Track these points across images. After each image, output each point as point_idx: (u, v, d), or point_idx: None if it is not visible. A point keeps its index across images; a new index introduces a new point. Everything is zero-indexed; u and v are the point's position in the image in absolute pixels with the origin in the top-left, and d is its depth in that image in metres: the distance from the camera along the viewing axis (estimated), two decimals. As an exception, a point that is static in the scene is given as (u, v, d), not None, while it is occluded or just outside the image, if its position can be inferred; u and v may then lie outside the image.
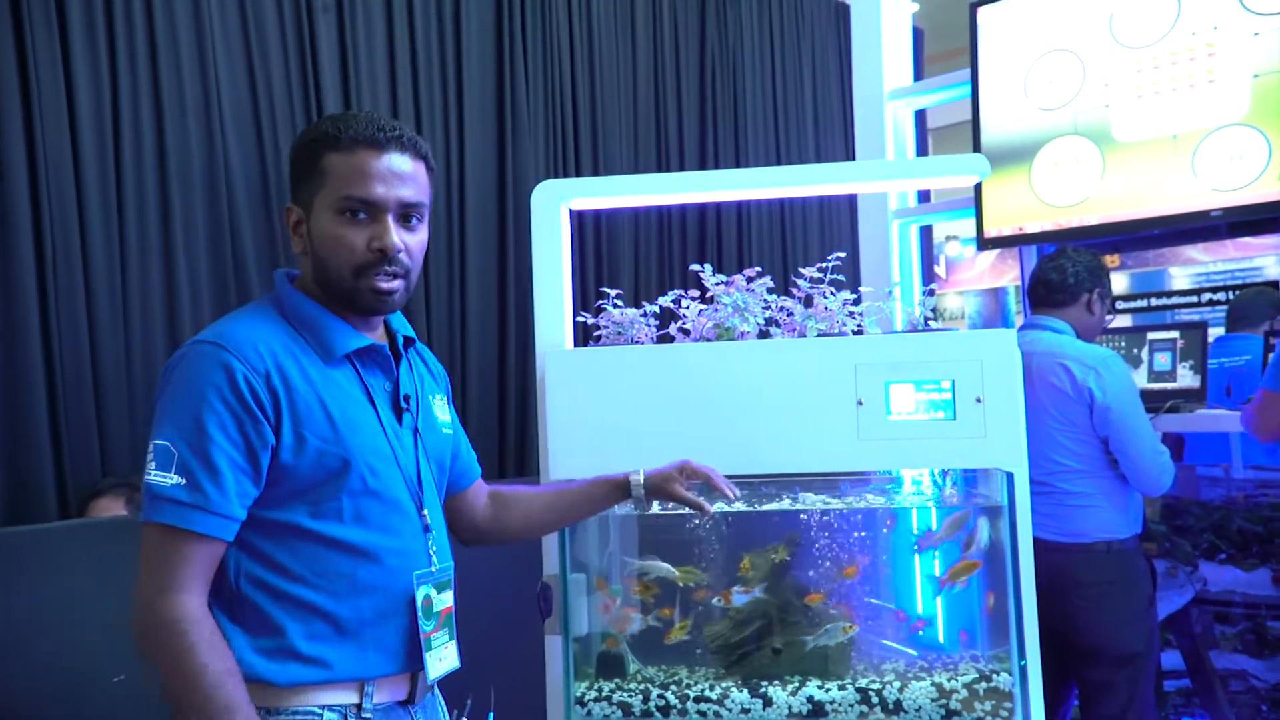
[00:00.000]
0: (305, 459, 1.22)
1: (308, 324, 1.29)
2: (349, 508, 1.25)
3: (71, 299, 2.42)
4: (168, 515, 1.16)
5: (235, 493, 1.18)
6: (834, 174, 2.18)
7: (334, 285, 1.29)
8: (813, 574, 2.03)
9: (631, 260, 3.85)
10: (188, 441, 1.17)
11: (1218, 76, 2.86)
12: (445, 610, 1.36)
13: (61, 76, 2.43)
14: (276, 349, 1.23)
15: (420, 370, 1.46)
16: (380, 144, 1.27)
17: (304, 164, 1.28)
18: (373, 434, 1.28)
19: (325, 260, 1.28)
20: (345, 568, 1.25)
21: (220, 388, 1.18)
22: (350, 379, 1.30)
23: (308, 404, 1.23)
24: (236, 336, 1.22)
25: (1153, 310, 3.98)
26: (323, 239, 1.27)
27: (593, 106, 3.74)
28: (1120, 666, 2.38)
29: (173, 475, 1.17)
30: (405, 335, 1.41)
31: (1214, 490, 3.22)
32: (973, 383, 1.84)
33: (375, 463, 1.27)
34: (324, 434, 1.23)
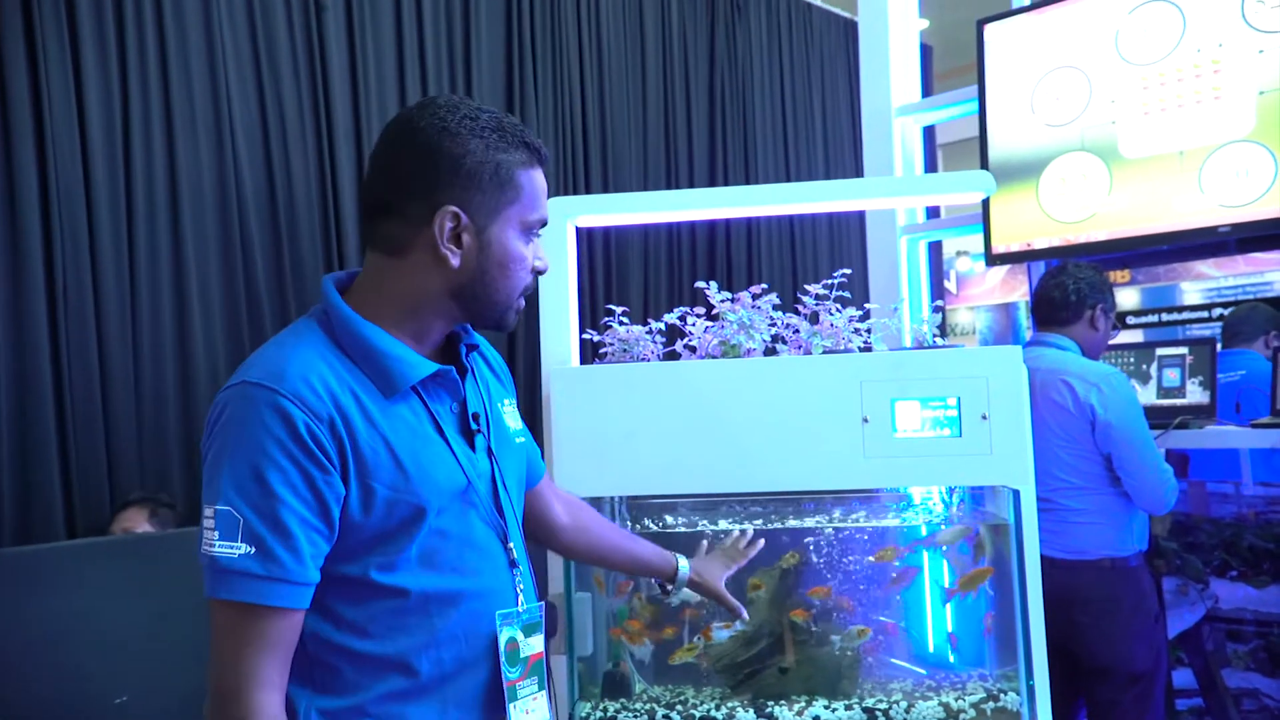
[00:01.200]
0: (375, 511, 1.09)
1: (365, 353, 1.13)
2: (416, 554, 1.12)
3: (81, 317, 2.44)
4: (240, 591, 1.02)
5: (310, 555, 1.05)
6: (840, 191, 2.18)
7: (491, 302, 1.18)
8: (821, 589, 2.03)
9: (641, 277, 3.87)
10: (253, 505, 1.03)
11: (1224, 93, 2.86)
12: (534, 656, 1.22)
13: (73, 93, 2.46)
14: (335, 387, 1.08)
15: (485, 376, 1.31)
16: (547, 162, 1.22)
17: (489, 173, 1.14)
18: (447, 471, 1.15)
19: (496, 277, 1.16)
20: (419, 619, 1.12)
21: (280, 438, 1.04)
22: (415, 411, 1.15)
23: (373, 450, 1.09)
24: (289, 374, 1.06)
25: (1164, 325, 3.97)
26: (506, 255, 1.16)
27: (602, 123, 3.77)
28: (1128, 685, 2.37)
29: (240, 544, 1.03)
30: (468, 343, 1.26)
31: (1224, 507, 3.19)
32: (979, 400, 1.84)
33: (446, 502, 1.14)
34: (393, 482, 1.09)
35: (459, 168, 1.13)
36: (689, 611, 2.02)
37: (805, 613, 2.00)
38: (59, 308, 2.41)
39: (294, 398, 1.05)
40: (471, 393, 1.23)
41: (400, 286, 1.16)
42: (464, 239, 1.14)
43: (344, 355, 1.13)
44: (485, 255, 1.16)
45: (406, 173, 1.13)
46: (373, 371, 1.12)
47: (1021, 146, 3.29)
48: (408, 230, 1.14)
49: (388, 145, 1.16)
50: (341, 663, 1.10)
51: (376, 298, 1.16)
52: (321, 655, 1.10)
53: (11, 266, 2.36)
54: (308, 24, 2.97)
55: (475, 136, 1.13)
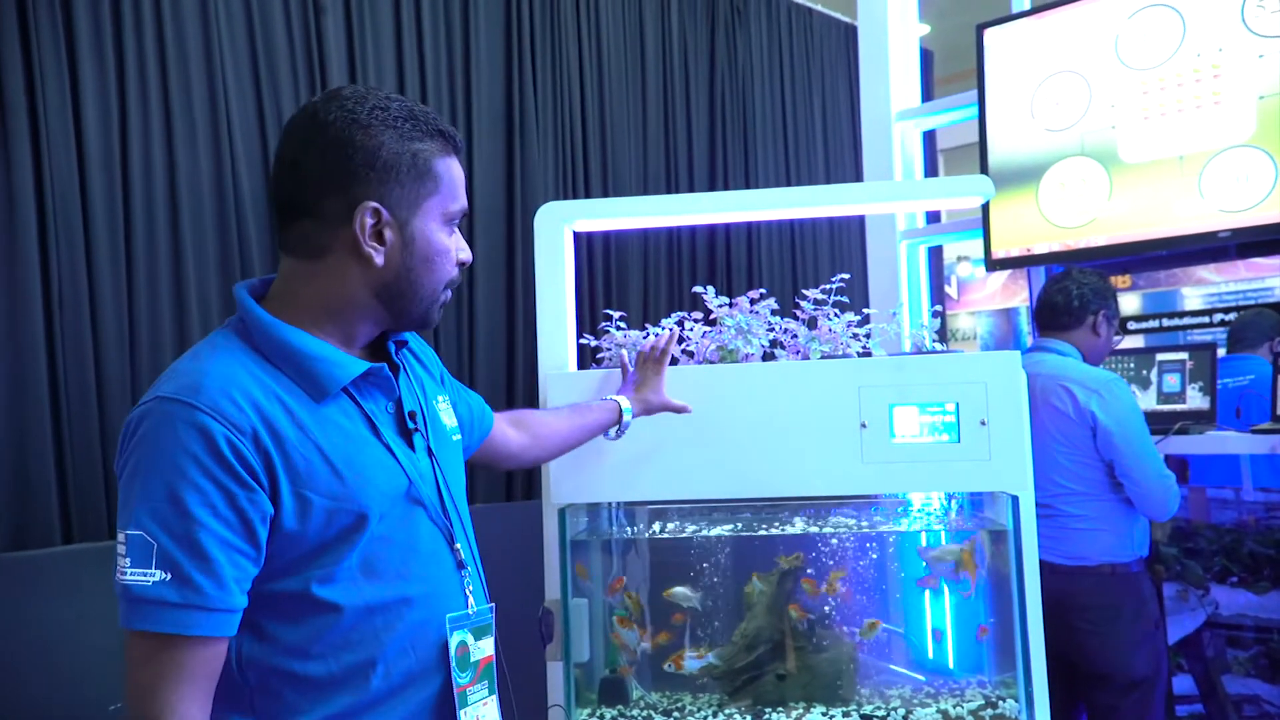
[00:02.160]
0: (312, 523, 1.03)
1: (288, 357, 1.06)
2: (359, 563, 1.06)
3: (78, 322, 2.43)
4: (154, 621, 0.95)
5: (234, 579, 0.98)
6: (840, 195, 2.18)
7: (415, 299, 1.13)
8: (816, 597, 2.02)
9: (640, 282, 3.86)
10: (167, 529, 0.96)
11: (1224, 98, 2.86)
12: (484, 660, 1.17)
13: (69, 95, 2.45)
14: (258, 397, 1.02)
15: (418, 373, 1.26)
16: (463, 151, 1.17)
17: (407, 164, 1.09)
18: (387, 474, 1.10)
19: (421, 273, 1.12)
20: (365, 633, 1.06)
21: (198, 457, 0.97)
22: (349, 413, 1.09)
23: (306, 459, 1.03)
24: (207, 387, 0.99)
25: (1164, 331, 3.96)
26: (430, 250, 1.12)
27: (602, 127, 3.76)
28: (1127, 691, 2.36)
29: (154, 572, 0.95)
30: (397, 340, 1.21)
31: (1225, 513, 3.18)
32: (977, 405, 1.83)
33: (388, 506, 1.09)
34: (331, 490, 1.04)
35: (374, 161, 1.07)
36: (679, 617, 2.01)
37: (803, 611, 1.99)
38: (55, 312, 2.40)
39: (213, 412, 0.98)
40: (406, 391, 1.18)
41: (320, 290, 1.10)
42: (386, 235, 1.08)
43: (266, 362, 1.06)
44: (409, 251, 1.10)
45: (319, 170, 1.06)
46: (299, 376, 1.06)
47: (1021, 151, 3.29)
48: (324, 231, 1.07)
49: (295, 142, 1.08)
50: (283, 687, 1.04)
51: (295, 303, 1.10)
52: (263, 681, 1.04)
53: (7, 271, 2.35)
54: (306, 26, 2.97)
55: (388, 127, 1.08)
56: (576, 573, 1.94)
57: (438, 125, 1.13)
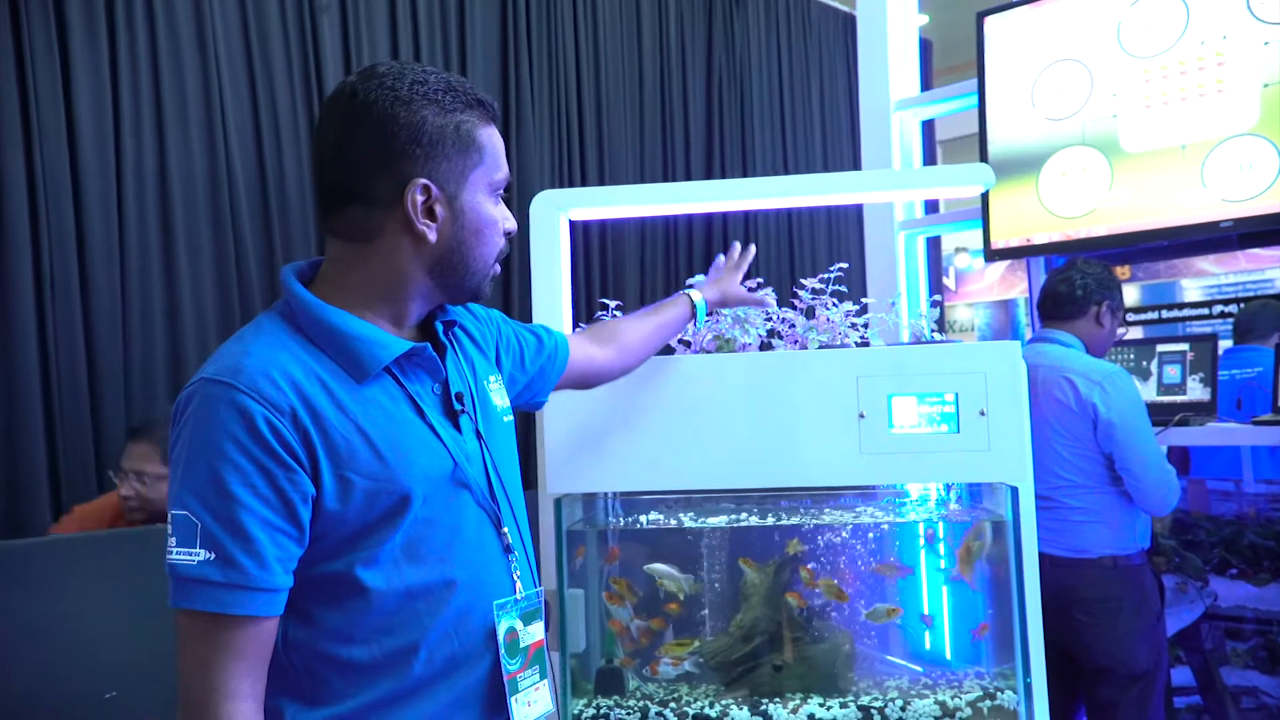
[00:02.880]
0: (354, 503, 1.02)
1: (331, 338, 1.06)
2: (401, 544, 1.05)
3: (69, 311, 2.41)
4: (200, 600, 0.97)
5: (276, 559, 0.99)
6: (835, 184, 2.16)
7: (468, 272, 1.12)
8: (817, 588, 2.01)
9: (637, 270, 3.84)
10: (210, 508, 0.97)
11: (1227, 86, 2.83)
12: (534, 645, 1.16)
13: (60, 87, 2.43)
14: (298, 377, 1.02)
15: (469, 352, 1.23)
16: (499, 120, 1.15)
17: (450, 137, 1.07)
18: (430, 455, 1.08)
19: (473, 245, 1.11)
20: (407, 618, 1.06)
21: (237, 437, 0.97)
22: (392, 394, 1.08)
23: (346, 439, 1.02)
24: (247, 368, 1.00)
25: (1164, 323, 3.94)
26: (480, 222, 1.10)
27: (598, 115, 3.74)
28: (1128, 685, 2.34)
29: (199, 551, 0.97)
30: (445, 320, 1.19)
31: (1225, 505, 3.17)
32: (976, 396, 1.81)
33: (432, 489, 1.07)
34: (372, 471, 1.03)
35: (420, 137, 1.05)
36: (673, 607, 2.00)
37: (802, 600, 1.98)
38: (46, 301, 2.38)
39: (251, 392, 0.98)
40: (454, 372, 1.16)
41: (372, 273, 1.09)
42: (437, 211, 1.07)
43: (310, 344, 1.05)
44: (460, 224, 1.09)
45: (365, 152, 1.05)
46: (341, 357, 1.05)
47: (1021, 141, 3.27)
48: (375, 213, 1.06)
49: (336, 125, 1.06)
50: (329, 671, 1.04)
51: (345, 285, 1.09)
52: (307, 664, 1.05)
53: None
54: (300, 12, 2.94)
55: (429, 101, 1.06)
56: (576, 555, 1.93)
57: (476, 95, 1.11)
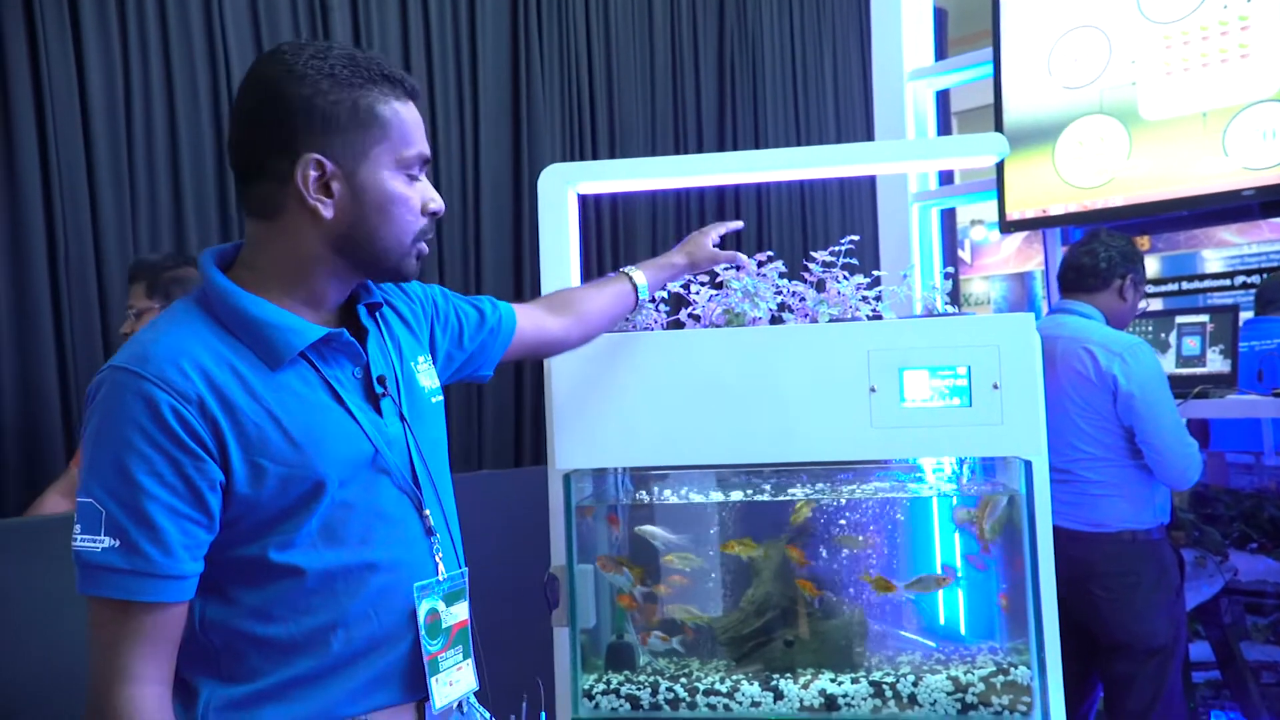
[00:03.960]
0: (267, 489, 1.02)
1: (244, 324, 1.05)
2: (318, 527, 1.05)
3: (84, 286, 2.43)
4: (105, 587, 0.98)
5: (183, 545, 0.99)
6: (849, 155, 2.12)
7: (376, 252, 1.10)
8: (828, 561, 1.99)
9: (649, 245, 3.81)
10: (115, 496, 0.97)
11: (1251, 51, 2.77)
12: (458, 625, 1.17)
13: (74, 67, 2.43)
14: (208, 364, 1.01)
15: (397, 333, 1.23)
16: (418, 97, 1.13)
17: (346, 109, 1.05)
18: (347, 441, 1.08)
19: (377, 224, 1.08)
20: (324, 598, 1.06)
21: (144, 426, 0.97)
22: (307, 380, 1.08)
23: (259, 426, 1.02)
24: (155, 356, 1.00)
25: (1183, 294, 3.88)
26: (385, 199, 1.08)
27: (609, 88, 3.70)
28: (1146, 660, 2.32)
29: (103, 539, 0.97)
30: (369, 302, 1.19)
31: (1245, 478, 3.14)
32: (990, 369, 1.78)
33: (349, 473, 1.07)
34: (285, 457, 1.03)
35: (312, 111, 1.04)
36: (677, 579, 1.99)
37: (816, 589, 1.96)
38: (60, 277, 2.40)
39: (158, 380, 0.98)
40: (377, 355, 1.16)
41: (280, 250, 1.09)
42: (334, 187, 1.06)
43: (224, 330, 1.05)
44: (360, 201, 1.07)
45: (261, 127, 1.05)
46: (254, 343, 1.05)
47: (1038, 110, 3.21)
48: (275, 188, 1.06)
49: (239, 102, 1.07)
50: (247, 649, 1.05)
51: (259, 267, 1.09)
52: (226, 643, 1.05)
53: (12, 236, 2.35)
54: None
55: (324, 76, 1.05)
56: (585, 514, 1.92)
57: (382, 70, 1.08)
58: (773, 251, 2.08)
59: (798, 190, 4.29)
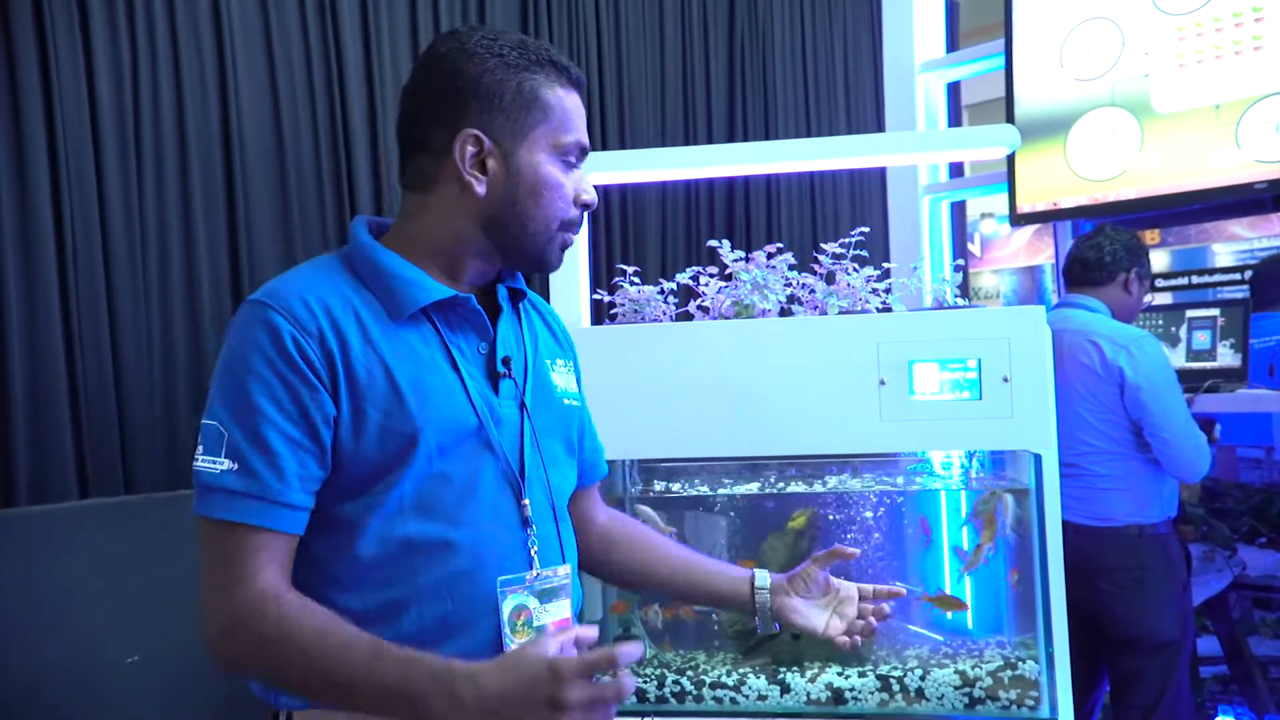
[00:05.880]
0: (367, 439, 1.02)
1: (377, 276, 1.08)
2: (410, 495, 1.04)
3: (91, 275, 2.42)
4: (219, 508, 0.99)
5: (297, 475, 1.00)
6: (859, 146, 2.12)
7: (525, 234, 1.10)
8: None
9: (658, 236, 3.81)
10: (237, 419, 0.99)
11: (1265, 43, 2.74)
12: (555, 624, 1.11)
13: (82, 66, 2.43)
14: (333, 305, 1.04)
15: (536, 329, 1.23)
16: (580, 89, 1.14)
17: (511, 89, 1.07)
18: (454, 405, 1.06)
19: (528, 205, 1.09)
20: (401, 570, 1.03)
21: (266, 351, 1.00)
22: (428, 340, 1.08)
23: (369, 370, 1.03)
24: (284, 291, 1.04)
25: (1194, 288, 3.86)
26: (537, 181, 1.09)
27: (619, 79, 3.69)
28: (1153, 655, 2.32)
29: (223, 460, 0.99)
30: (512, 287, 1.19)
31: (1254, 472, 3.12)
32: (1000, 362, 1.78)
33: (449, 441, 1.05)
34: (387, 405, 1.03)
35: (477, 88, 1.07)
36: None
37: None
38: (69, 275, 2.40)
39: (284, 311, 1.01)
40: (506, 336, 1.15)
41: (431, 223, 1.11)
42: (489, 165, 1.08)
43: (357, 281, 1.08)
44: (514, 181, 1.09)
45: (427, 101, 1.09)
46: (381, 293, 1.07)
47: (1049, 102, 3.19)
48: (433, 162, 1.09)
49: (412, 78, 1.12)
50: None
51: (404, 234, 1.12)
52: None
53: (22, 237, 2.35)
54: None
55: (493, 55, 1.08)
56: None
57: (550, 55, 1.11)
58: (782, 243, 2.07)
59: (808, 182, 4.27)
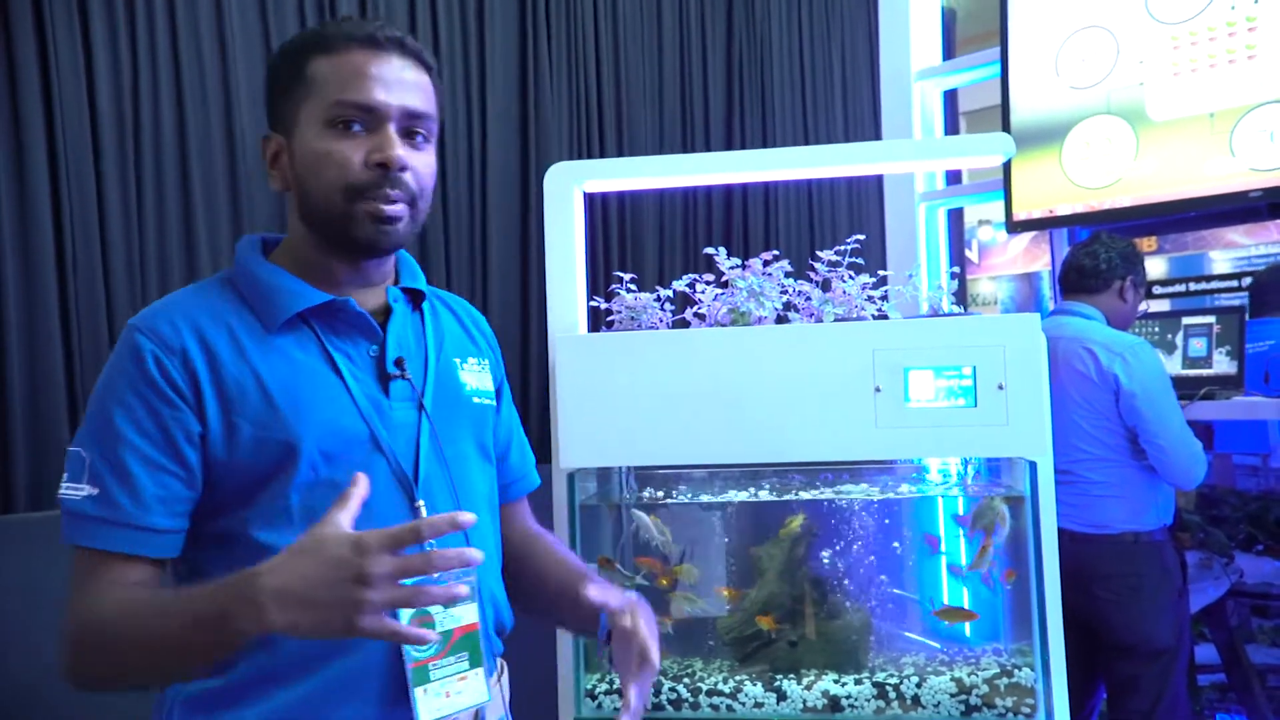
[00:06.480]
0: (242, 451, 0.99)
1: (253, 287, 1.06)
2: (298, 505, 0.99)
3: (92, 290, 2.43)
4: (80, 535, 0.97)
5: (156, 499, 0.97)
6: (855, 154, 2.12)
7: (323, 216, 1.04)
8: (828, 564, 1.99)
9: (656, 244, 3.81)
10: (97, 443, 0.98)
11: (1259, 52, 2.76)
12: (460, 630, 1.05)
13: (82, 69, 2.44)
14: (203, 322, 1.02)
15: (444, 327, 1.18)
16: (379, 44, 1.04)
17: (284, 77, 1.04)
18: (334, 411, 1.02)
19: (311, 186, 1.03)
20: None
21: (129, 373, 0.98)
22: (306, 347, 1.04)
23: (239, 383, 1.00)
24: (155, 312, 1.02)
25: (1191, 295, 3.87)
26: (308, 158, 1.03)
27: (617, 86, 3.70)
28: (1149, 662, 2.32)
29: (84, 486, 0.97)
30: (405, 286, 1.15)
31: (1251, 479, 3.12)
32: (995, 369, 1.78)
33: (333, 447, 1.01)
34: (261, 418, 0.99)
35: (268, 88, 1.08)
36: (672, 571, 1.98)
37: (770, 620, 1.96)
38: (68, 271, 2.41)
39: (149, 331, 1.00)
40: (404, 336, 1.11)
41: (290, 230, 1.12)
42: (281, 158, 1.07)
43: (237, 297, 1.06)
44: (296, 166, 1.05)
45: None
46: (258, 304, 1.05)
47: (1045, 110, 3.20)
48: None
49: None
50: None
51: (284, 248, 1.12)
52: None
53: (21, 239, 2.35)
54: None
55: (282, 52, 1.07)
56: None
57: (319, 26, 1.07)
58: (779, 250, 2.08)
59: (805, 189, 4.28)
